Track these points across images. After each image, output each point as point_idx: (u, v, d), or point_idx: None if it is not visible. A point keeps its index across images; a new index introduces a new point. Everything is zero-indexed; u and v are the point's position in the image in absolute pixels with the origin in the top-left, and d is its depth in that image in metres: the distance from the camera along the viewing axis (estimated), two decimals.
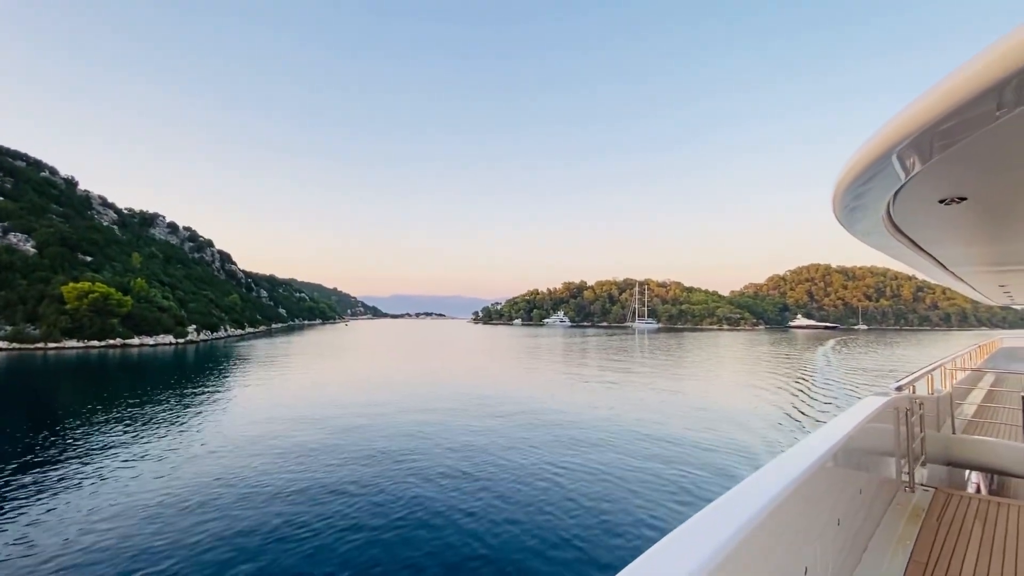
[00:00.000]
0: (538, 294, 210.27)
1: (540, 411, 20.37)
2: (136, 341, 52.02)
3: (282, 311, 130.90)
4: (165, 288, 68.23)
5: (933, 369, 7.04)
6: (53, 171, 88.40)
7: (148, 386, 27.43)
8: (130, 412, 20.08)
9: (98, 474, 12.41)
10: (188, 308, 66.69)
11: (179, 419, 19.00)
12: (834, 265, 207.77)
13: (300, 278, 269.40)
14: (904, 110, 1.99)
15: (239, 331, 76.58)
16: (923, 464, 5.26)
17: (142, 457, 13.93)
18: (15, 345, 44.24)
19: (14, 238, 59.20)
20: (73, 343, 47.21)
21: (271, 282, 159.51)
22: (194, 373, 33.34)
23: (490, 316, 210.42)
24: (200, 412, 20.48)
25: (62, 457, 13.94)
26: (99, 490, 11.28)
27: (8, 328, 45.35)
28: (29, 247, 58.72)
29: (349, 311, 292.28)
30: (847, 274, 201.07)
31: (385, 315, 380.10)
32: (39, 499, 10.69)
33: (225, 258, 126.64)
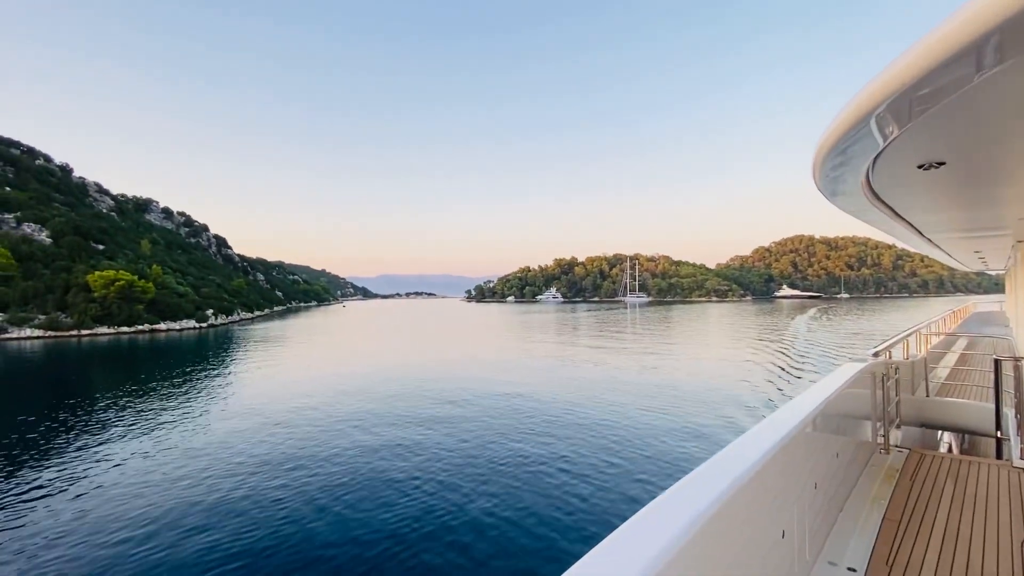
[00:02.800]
0: (530, 271, 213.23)
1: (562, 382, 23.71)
2: (163, 326, 54.40)
3: (279, 294, 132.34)
4: (176, 274, 70.06)
5: (909, 334, 7.28)
6: (48, 159, 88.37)
7: (197, 366, 30.08)
8: (200, 387, 22.86)
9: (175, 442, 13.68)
10: (201, 293, 68.71)
11: (244, 391, 21.54)
12: (817, 236, 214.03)
13: (287, 260, 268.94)
14: (882, 72, 1.93)
15: (250, 315, 78.88)
16: (898, 426, 5.38)
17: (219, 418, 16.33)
18: (50, 333, 46.40)
19: (28, 228, 60.46)
20: (104, 329, 49.43)
21: (264, 265, 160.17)
22: (237, 353, 35.97)
23: (483, 294, 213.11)
24: (262, 384, 23.26)
25: (134, 428, 16.30)
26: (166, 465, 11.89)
27: (42, 317, 47.39)
28: (44, 237, 60.04)
29: (340, 292, 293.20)
30: (830, 244, 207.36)
31: (375, 296, 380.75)
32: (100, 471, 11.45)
33: (221, 243, 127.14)
